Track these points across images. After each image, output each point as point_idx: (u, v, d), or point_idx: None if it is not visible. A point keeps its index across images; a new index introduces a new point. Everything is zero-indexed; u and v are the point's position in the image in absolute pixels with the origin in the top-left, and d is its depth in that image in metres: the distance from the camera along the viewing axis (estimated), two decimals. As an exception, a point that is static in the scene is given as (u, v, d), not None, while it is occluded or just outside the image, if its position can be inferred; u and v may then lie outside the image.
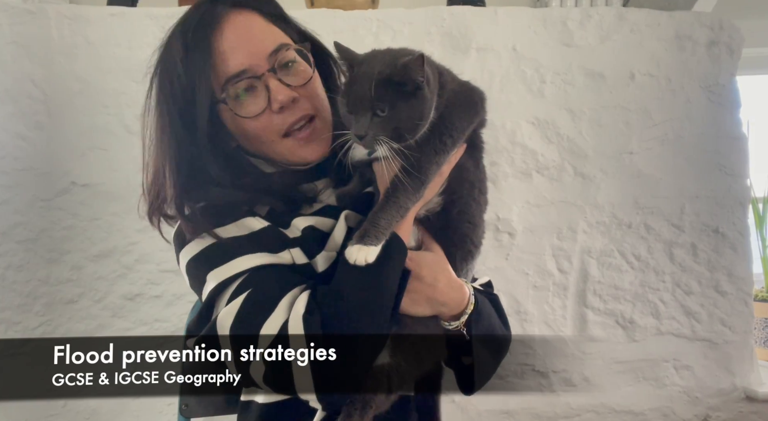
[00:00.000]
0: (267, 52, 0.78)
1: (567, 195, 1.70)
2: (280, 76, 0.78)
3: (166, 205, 0.82)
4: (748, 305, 1.75)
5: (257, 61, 0.78)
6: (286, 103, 0.78)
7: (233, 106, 0.78)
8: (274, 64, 0.78)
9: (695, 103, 1.75)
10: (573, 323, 1.71)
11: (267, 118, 0.78)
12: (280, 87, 0.78)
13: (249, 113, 0.78)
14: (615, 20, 1.72)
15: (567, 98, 1.71)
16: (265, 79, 0.78)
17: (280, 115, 0.78)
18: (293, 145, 0.80)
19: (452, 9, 1.69)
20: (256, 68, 0.77)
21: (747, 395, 1.73)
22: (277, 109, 0.78)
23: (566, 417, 1.69)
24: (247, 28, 0.79)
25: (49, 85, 1.55)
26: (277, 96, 0.77)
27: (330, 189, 0.87)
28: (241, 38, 0.78)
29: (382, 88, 0.71)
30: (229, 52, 0.77)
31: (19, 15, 1.53)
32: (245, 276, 0.75)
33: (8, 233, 1.52)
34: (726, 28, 1.75)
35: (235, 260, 0.75)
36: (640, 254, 1.72)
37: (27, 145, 1.54)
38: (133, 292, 1.55)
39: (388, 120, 0.71)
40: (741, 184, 1.76)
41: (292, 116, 0.79)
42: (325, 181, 0.87)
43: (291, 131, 0.80)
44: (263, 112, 0.78)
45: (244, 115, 0.78)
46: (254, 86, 0.78)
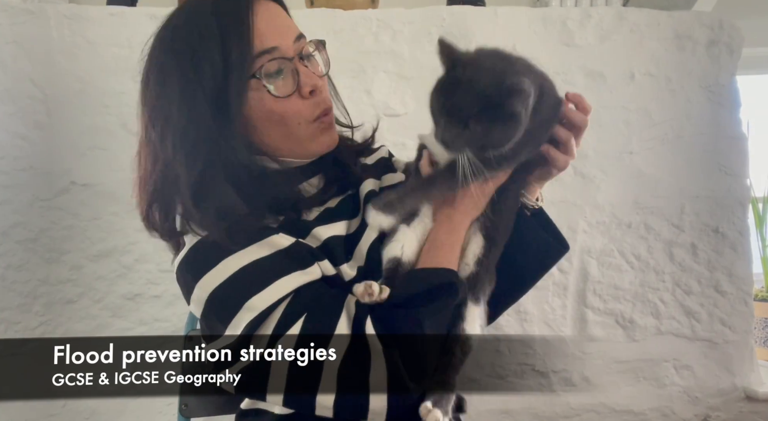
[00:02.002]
0: (293, 38, 0.79)
1: (567, 195, 1.70)
2: (306, 63, 0.80)
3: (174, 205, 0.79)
4: (748, 305, 1.75)
5: (287, 43, 0.78)
6: (317, 87, 0.79)
7: (267, 83, 0.76)
8: (301, 51, 0.79)
9: (695, 103, 1.75)
10: (573, 322, 1.71)
11: (296, 102, 0.78)
12: (309, 72, 0.79)
13: (282, 93, 0.77)
14: (615, 20, 1.72)
15: (567, 98, 1.71)
16: (294, 63, 0.78)
17: (308, 101, 0.79)
18: (316, 129, 0.81)
19: (452, 9, 1.69)
20: (286, 49, 0.78)
21: (747, 395, 1.73)
22: (307, 94, 0.78)
23: (566, 417, 1.69)
24: (277, 14, 0.81)
25: (49, 85, 1.55)
26: (307, 80, 0.78)
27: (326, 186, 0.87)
28: (272, 19, 0.79)
29: (482, 104, 0.70)
30: (264, 29, 0.77)
31: (19, 15, 1.53)
32: (288, 300, 0.71)
33: (8, 232, 1.52)
34: (726, 28, 1.75)
35: (273, 285, 0.71)
36: (640, 253, 1.72)
37: (27, 145, 1.54)
38: (133, 292, 1.55)
39: (479, 137, 0.71)
40: (741, 184, 1.77)
41: (323, 104, 0.80)
42: (319, 178, 0.87)
43: (320, 117, 0.81)
44: (292, 95, 0.78)
45: (277, 94, 0.77)
46: (282, 69, 0.78)
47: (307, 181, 0.86)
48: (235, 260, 0.73)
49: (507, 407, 1.66)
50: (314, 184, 0.87)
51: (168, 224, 0.81)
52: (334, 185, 0.88)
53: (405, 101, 1.65)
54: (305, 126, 0.80)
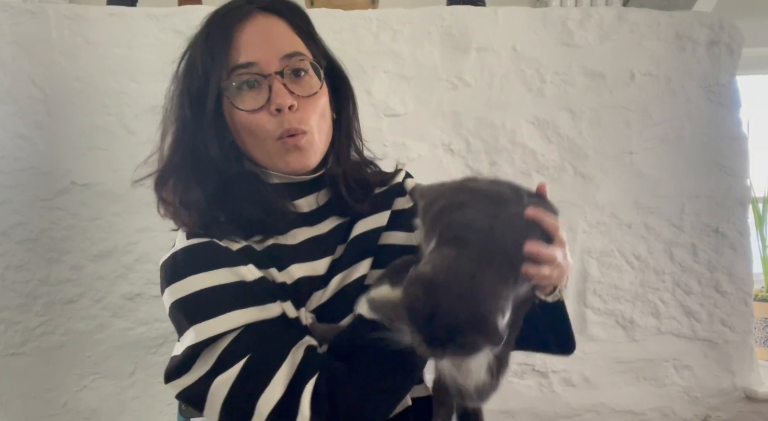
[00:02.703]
0: (280, 54, 0.79)
1: (567, 195, 1.70)
2: (286, 81, 0.78)
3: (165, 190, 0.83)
4: (748, 305, 1.75)
5: (268, 59, 0.78)
6: (284, 107, 0.77)
7: (231, 95, 0.78)
8: (284, 69, 0.79)
9: (695, 103, 1.75)
10: (573, 323, 1.70)
11: (262, 117, 0.78)
12: (283, 90, 0.78)
13: (245, 106, 0.78)
14: (615, 20, 1.72)
15: (567, 98, 1.71)
16: (270, 80, 0.78)
17: (275, 118, 0.78)
18: (281, 148, 0.80)
19: (452, 9, 1.69)
20: (265, 65, 0.78)
21: (747, 395, 1.73)
22: (273, 111, 0.78)
23: (566, 417, 1.69)
24: (268, 28, 0.81)
25: (49, 85, 1.55)
26: (276, 98, 0.77)
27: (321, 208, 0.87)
28: (258, 35, 0.79)
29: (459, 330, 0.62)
30: (244, 45, 0.78)
31: (19, 15, 1.53)
32: (236, 335, 0.72)
33: (8, 233, 1.52)
34: (726, 28, 1.75)
35: (225, 315, 0.72)
36: (640, 253, 1.72)
37: (27, 145, 1.54)
38: (133, 292, 1.55)
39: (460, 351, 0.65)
40: (741, 184, 1.77)
41: (287, 123, 0.78)
42: (316, 198, 0.87)
43: (284, 136, 0.80)
44: (259, 110, 0.78)
45: (240, 106, 0.78)
46: (258, 83, 0.78)
47: (302, 198, 0.86)
48: (200, 279, 0.74)
49: (507, 407, 1.66)
50: (309, 203, 0.87)
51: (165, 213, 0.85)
52: (330, 209, 0.88)
53: (405, 101, 1.65)
54: (271, 142, 0.79)
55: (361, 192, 0.90)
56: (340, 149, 0.89)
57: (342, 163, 0.88)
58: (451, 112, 1.67)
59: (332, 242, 0.86)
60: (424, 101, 1.66)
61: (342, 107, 0.90)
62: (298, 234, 0.84)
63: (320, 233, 0.86)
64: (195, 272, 0.75)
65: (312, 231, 0.86)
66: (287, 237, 0.83)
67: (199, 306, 0.73)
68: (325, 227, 0.87)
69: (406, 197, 0.94)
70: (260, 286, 0.76)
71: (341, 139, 0.89)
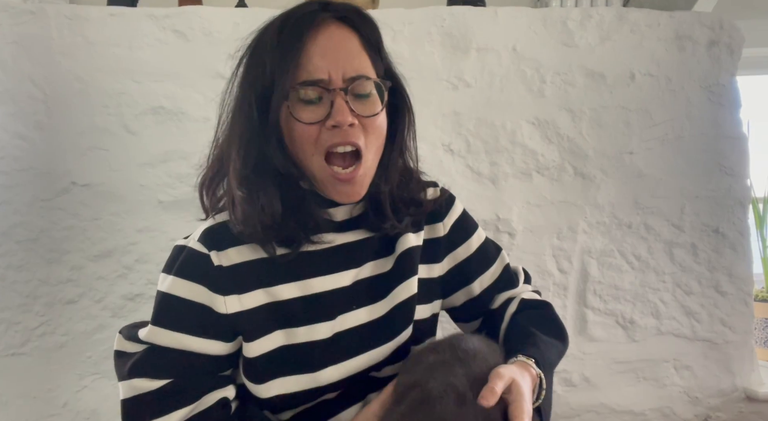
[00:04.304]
0: (346, 75, 0.78)
1: (567, 195, 1.70)
2: (348, 98, 0.78)
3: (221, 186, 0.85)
4: (749, 305, 1.75)
5: (335, 77, 0.78)
6: (343, 125, 0.77)
7: (292, 105, 0.78)
8: (348, 87, 0.78)
9: (695, 103, 1.75)
10: (573, 323, 1.71)
11: (316, 130, 0.78)
12: (344, 107, 0.77)
13: (303, 119, 0.78)
14: (615, 20, 1.72)
15: (567, 98, 1.71)
16: (333, 95, 0.77)
17: (329, 131, 0.78)
18: (328, 176, 0.79)
19: (452, 9, 1.69)
20: (330, 82, 0.78)
21: (747, 396, 1.73)
22: (330, 126, 0.77)
23: (566, 417, 1.69)
24: (341, 43, 0.80)
25: (49, 85, 1.55)
26: (336, 114, 0.77)
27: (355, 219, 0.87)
28: (330, 49, 0.78)
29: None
30: (315, 57, 0.78)
31: (19, 15, 1.54)
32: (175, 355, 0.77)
33: (8, 233, 1.52)
34: (726, 28, 1.75)
35: (177, 334, 0.77)
36: (640, 254, 1.72)
37: (27, 145, 1.54)
38: (133, 292, 1.55)
39: None
40: (741, 184, 1.77)
41: (338, 138, 0.78)
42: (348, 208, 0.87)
43: (333, 159, 0.79)
44: (316, 124, 0.78)
45: (298, 118, 0.78)
46: (321, 97, 0.78)
47: (337, 207, 0.86)
48: (180, 285, 0.79)
49: (507, 408, 1.66)
50: (343, 213, 0.87)
51: (208, 199, 0.87)
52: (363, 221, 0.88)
53: (405, 101, 1.65)
54: (317, 160, 0.79)
55: (405, 211, 0.89)
56: (389, 167, 0.87)
57: (389, 181, 0.87)
58: (451, 113, 1.67)
59: (359, 254, 0.86)
60: (424, 101, 1.66)
61: (397, 124, 0.89)
62: (325, 240, 0.84)
63: (347, 242, 0.86)
64: (181, 275, 0.79)
65: (340, 238, 0.85)
66: (314, 243, 0.83)
67: (165, 311, 0.79)
68: (352, 236, 0.87)
69: (441, 223, 0.94)
70: (225, 321, 0.78)
71: (391, 157, 0.88)
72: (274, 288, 0.80)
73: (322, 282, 0.82)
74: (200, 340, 0.77)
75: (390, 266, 0.86)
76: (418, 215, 0.91)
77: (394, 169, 0.88)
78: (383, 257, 0.87)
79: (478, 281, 0.96)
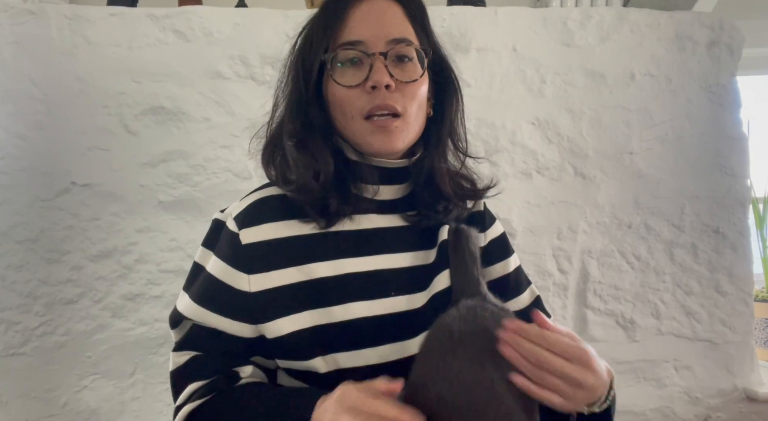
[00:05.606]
0: (388, 37, 0.79)
1: (567, 195, 1.70)
2: (388, 63, 0.78)
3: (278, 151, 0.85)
4: (749, 306, 1.75)
5: (375, 40, 0.79)
6: (380, 85, 0.77)
7: (333, 69, 0.80)
8: (389, 51, 0.79)
9: (695, 104, 1.75)
10: (573, 323, 1.71)
11: (357, 94, 0.79)
12: (383, 70, 0.78)
13: (343, 81, 0.79)
14: (615, 20, 1.72)
15: (567, 98, 1.71)
16: (373, 59, 0.78)
17: (368, 95, 0.78)
18: (366, 128, 0.79)
19: (452, 9, 1.69)
20: (370, 45, 0.78)
21: (747, 396, 1.73)
22: (368, 88, 0.78)
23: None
24: (382, 11, 0.81)
25: (49, 85, 1.55)
26: (374, 75, 0.77)
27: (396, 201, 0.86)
28: (372, 15, 0.80)
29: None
30: (355, 23, 0.79)
31: (19, 15, 1.54)
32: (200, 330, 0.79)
33: (8, 233, 1.52)
34: (726, 28, 1.75)
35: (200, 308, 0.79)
36: (641, 254, 1.72)
37: (27, 145, 1.54)
38: (133, 292, 1.55)
39: None
40: (741, 184, 1.77)
41: (378, 99, 0.78)
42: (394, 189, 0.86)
43: (372, 116, 0.79)
44: (356, 87, 0.78)
45: (338, 81, 0.79)
46: (361, 61, 0.79)
47: (385, 184, 0.84)
48: (211, 260, 0.81)
49: (507, 408, 1.66)
50: (389, 193, 0.85)
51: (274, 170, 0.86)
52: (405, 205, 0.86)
53: (405, 101, 1.65)
54: (359, 121, 0.79)
55: (460, 192, 0.88)
56: (439, 146, 0.86)
57: (439, 160, 0.85)
58: (451, 113, 1.67)
59: (397, 241, 0.84)
60: (424, 101, 1.66)
61: (443, 105, 0.88)
62: (364, 221, 0.82)
63: (386, 226, 0.84)
64: (209, 247, 0.83)
65: (379, 221, 0.84)
66: (353, 221, 0.82)
67: (194, 281, 0.81)
68: (391, 221, 0.85)
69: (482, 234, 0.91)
70: (246, 300, 0.77)
71: (440, 136, 0.86)
72: (308, 266, 0.78)
73: (356, 263, 0.79)
74: (220, 318, 0.78)
75: (432, 258, 0.84)
76: (462, 209, 0.89)
77: (441, 151, 0.87)
78: (425, 250, 0.85)
79: (511, 304, 0.92)
